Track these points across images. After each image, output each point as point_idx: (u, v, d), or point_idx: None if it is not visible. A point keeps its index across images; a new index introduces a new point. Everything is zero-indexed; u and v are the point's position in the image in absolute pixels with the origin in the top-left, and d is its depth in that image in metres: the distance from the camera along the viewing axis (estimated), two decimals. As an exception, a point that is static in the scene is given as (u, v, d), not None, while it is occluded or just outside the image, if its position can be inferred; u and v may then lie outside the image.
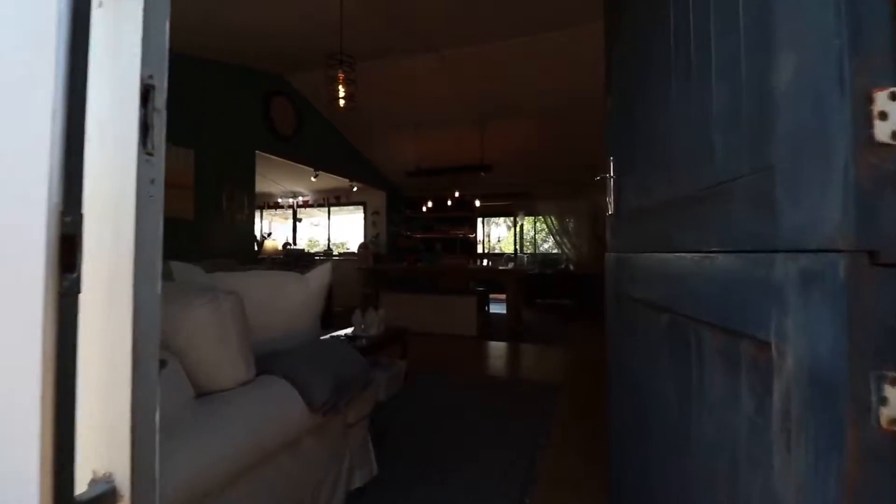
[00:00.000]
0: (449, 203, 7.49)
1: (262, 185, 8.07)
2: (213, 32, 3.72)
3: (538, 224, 9.50)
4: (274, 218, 9.28)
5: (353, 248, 8.49)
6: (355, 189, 7.68)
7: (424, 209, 7.24)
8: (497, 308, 7.30)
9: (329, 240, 9.00)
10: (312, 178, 6.52)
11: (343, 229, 9.03)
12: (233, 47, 4.09)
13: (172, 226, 3.90)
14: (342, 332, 3.21)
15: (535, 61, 4.64)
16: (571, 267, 8.05)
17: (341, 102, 2.85)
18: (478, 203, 6.94)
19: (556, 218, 8.12)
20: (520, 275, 5.47)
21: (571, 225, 8.01)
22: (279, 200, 8.93)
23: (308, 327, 1.64)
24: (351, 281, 7.14)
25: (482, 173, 6.13)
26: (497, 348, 4.57)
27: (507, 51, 4.44)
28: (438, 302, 5.25)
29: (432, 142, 6.66)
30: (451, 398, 3.00)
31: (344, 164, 6.79)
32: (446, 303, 5.21)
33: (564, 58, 4.57)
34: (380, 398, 2.83)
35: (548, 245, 11.56)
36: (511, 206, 8.87)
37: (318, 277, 1.70)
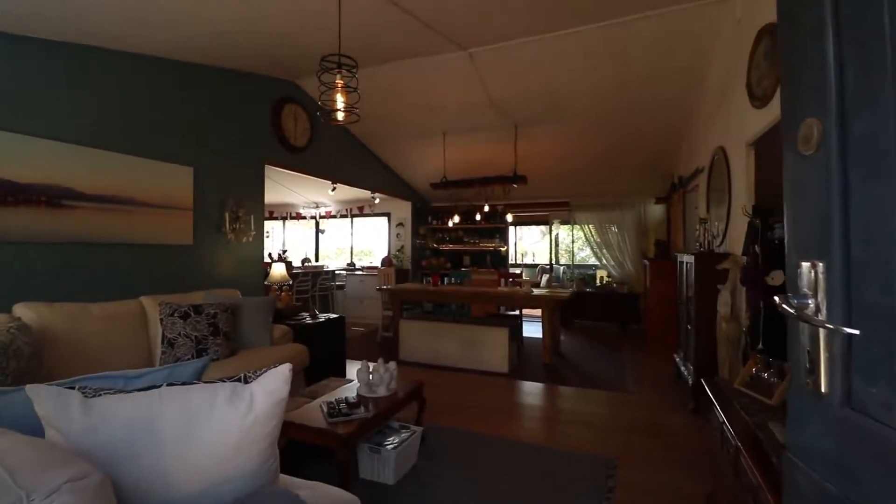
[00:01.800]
0: (478, 217, 6.87)
1: (283, 195, 7.72)
2: (212, 36, 3.26)
3: (575, 231, 8.73)
4: (296, 227, 8.95)
5: (378, 261, 8.02)
6: (377, 200, 7.19)
7: (451, 223, 6.66)
8: (531, 328, 6.65)
9: (352, 252, 8.56)
10: (330, 192, 6.07)
11: (369, 238, 8.57)
12: (236, 52, 3.63)
13: (168, 253, 3.49)
14: (347, 389, 2.67)
15: (576, 59, 3.97)
16: (613, 282, 7.26)
17: (339, 115, 2.30)
18: (510, 217, 6.30)
19: (595, 229, 7.35)
20: (558, 300, 4.80)
21: (614, 237, 7.22)
22: (301, 211, 8.57)
23: (250, 471, 1.08)
24: (374, 299, 6.65)
25: (514, 185, 5.49)
26: (532, 393, 3.92)
27: (543, 48, 3.79)
28: (465, 333, 4.65)
29: (460, 150, 6.07)
30: (474, 478, 2.39)
31: (364, 175, 6.29)
32: (474, 334, 4.60)
33: (611, 54, 3.89)
34: (387, 482, 2.26)
35: (585, 253, 10.76)
36: (546, 215, 8.16)
37: (269, 391, 1.14)
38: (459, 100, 4.86)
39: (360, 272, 7.71)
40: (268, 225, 9.23)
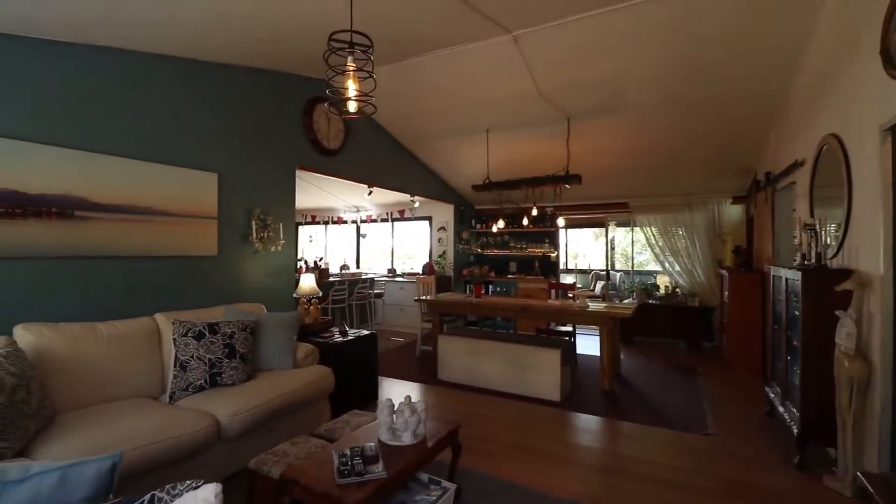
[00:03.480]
0: (526, 221, 6.31)
1: (324, 199, 7.54)
2: (237, 32, 2.99)
3: (633, 232, 7.93)
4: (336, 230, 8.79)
5: (420, 267, 7.65)
6: (417, 204, 6.83)
7: (496, 228, 6.15)
8: (586, 343, 6.00)
9: (392, 256, 8.25)
10: (366, 196, 5.76)
11: (410, 243, 8.23)
12: (262, 49, 3.35)
13: (190, 265, 3.26)
14: (368, 431, 2.26)
15: (639, 40, 3.36)
16: (680, 293, 6.43)
17: (352, 106, 1.89)
18: (562, 222, 5.69)
19: (659, 232, 6.56)
20: (617, 318, 4.17)
21: (681, 242, 6.40)
22: (342, 216, 8.38)
23: None
24: (414, 307, 6.28)
25: (566, 185, 4.90)
26: (589, 431, 3.35)
27: (600, 27, 3.22)
28: (511, 353, 4.13)
29: (505, 149, 5.55)
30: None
31: (403, 178, 5.93)
32: (521, 355, 4.08)
33: (681, 32, 3.25)
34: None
35: (644, 257, 9.86)
36: (601, 217, 7.43)
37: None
38: (504, 92, 4.35)
39: (400, 279, 7.38)
40: (310, 230, 9.14)
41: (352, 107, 1.88)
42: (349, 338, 3.67)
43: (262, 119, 3.85)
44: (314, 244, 9.11)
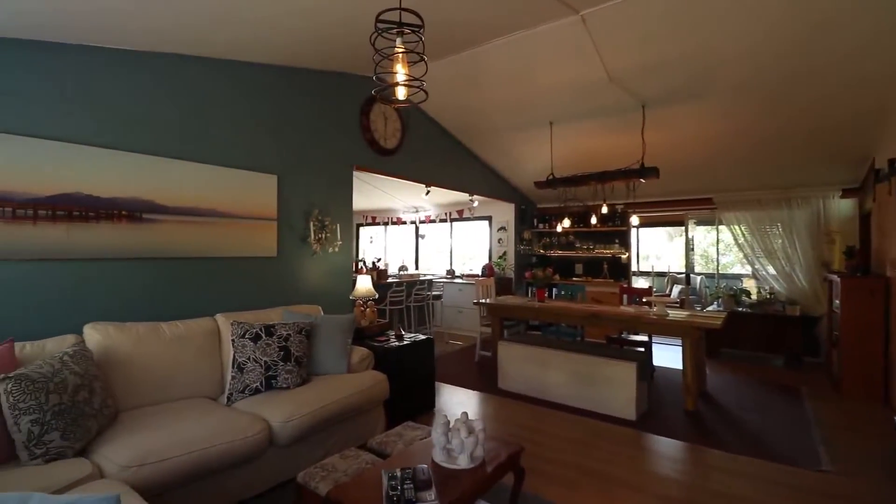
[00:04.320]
0: (594, 219, 5.86)
1: (384, 200, 7.55)
2: (295, 33, 2.95)
3: (718, 232, 7.15)
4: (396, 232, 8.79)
5: (479, 268, 7.43)
6: (476, 203, 6.60)
7: (561, 227, 5.77)
8: (664, 353, 5.44)
9: (451, 257, 8.09)
10: (424, 195, 5.64)
11: (469, 243, 8.03)
12: (321, 48, 3.30)
13: (250, 266, 3.28)
14: (421, 450, 2.07)
15: (728, 11, 2.88)
16: (775, 299, 5.65)
17: (401, 93, 1.70)
18: (635, 220, 5.19)
19: (750, 231, 5.81)
20: (703, 329, 3.67)
21: (777, 242, 5.63)
22: (402, 216, 8.37)
23: None
24: (473, 310, 6.07)
25: (641, 179, 4.43)
26: (672, 459, 2.93)
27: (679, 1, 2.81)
28: (578, 364, 3.78)
29: (571, 142, 5.17)
30: None
31: (461, 176, 5.73)
32: (590, 367, 3.71)
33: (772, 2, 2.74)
34: None
35: (728, 259, 8.91)
36: (680, 214, 6.76)
37: None
38: (569, 80, 4.01)
39: (459, 280, 7.19)
40: (371, 231, 9.24)
41: (400, 93, 1.70)
42: (405, 342, 3.53)
43: (320, 120, 3.83)
44: (374, 245, 9.20)
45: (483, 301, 5.04)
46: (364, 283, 3.81)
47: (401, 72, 1.65)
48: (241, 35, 2.87)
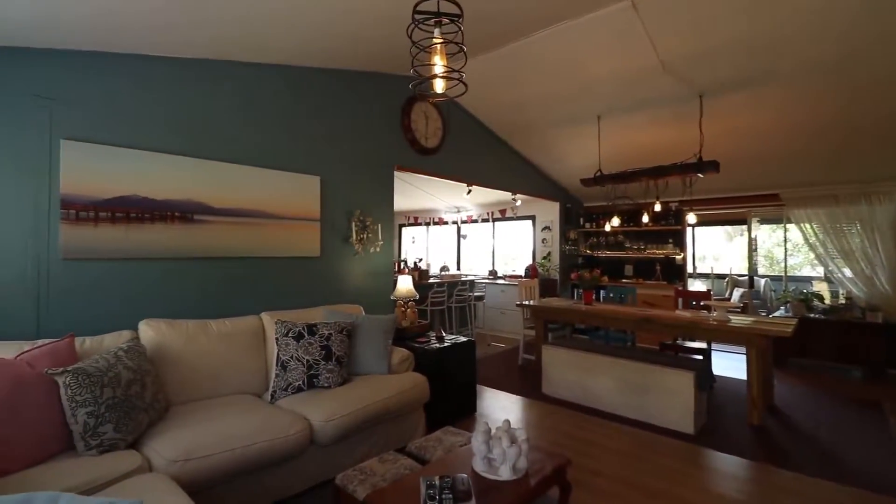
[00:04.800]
0: (646, 218, 5.55)
1: (426, 200, 7.55)
2: (336, 37, 2.97)
3: (784, 230, 6.58)
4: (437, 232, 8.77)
5: (522, 269, 7.25)
6: (519, 203, 6.43)
7: (609, 226, 5.50)
8: (724, 364, 5.04)
9: (493, 258, 7.96)
10: (465, 195, 5.55)
11: (512, 243, 7.87)
12: (361, 49, 3.30)
13: (295, 266, 3.34)
14: (461, 458, 1.99)
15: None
16: (852, 304, 5.11)
17: (439, 86, 1.63)
18: (692, 219, 4.85)
19: (822, 230, 5.29)
20: (771, 337, 3.35)
21: (856, 241, 5.09)
22: (443, 216, 8.33)
23: None
24: (516, 311, 5.92)
25: (699, 174, 4.13)
26: (734, 476, 2.67)
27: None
28: (629, 372, 3.56)
29: (620, 136, 4.91)
30: None
31: (503, 174, 5.60)
32: (642, 375, 3.49)
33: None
34: None
35: (796, 260, 8.22)
36: (742, 212, 6.28)
37: None
38: (619, 69, 3.79)
39: (501, 281, 7.05)
40: (412, 231, 9.28)
41: (438, 86, 1.63)
42: (446, 344, 3.46)
43: (362, 121, 3.84)
44: (416, 245, 9.23)
45: (526, 303, 4.89)
46: (405, 284, 3.78)
47: (439, 63, 1.58)
48: (290, 40, 2.91)
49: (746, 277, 6.77)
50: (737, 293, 7.11)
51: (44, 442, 1.75)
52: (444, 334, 3.67)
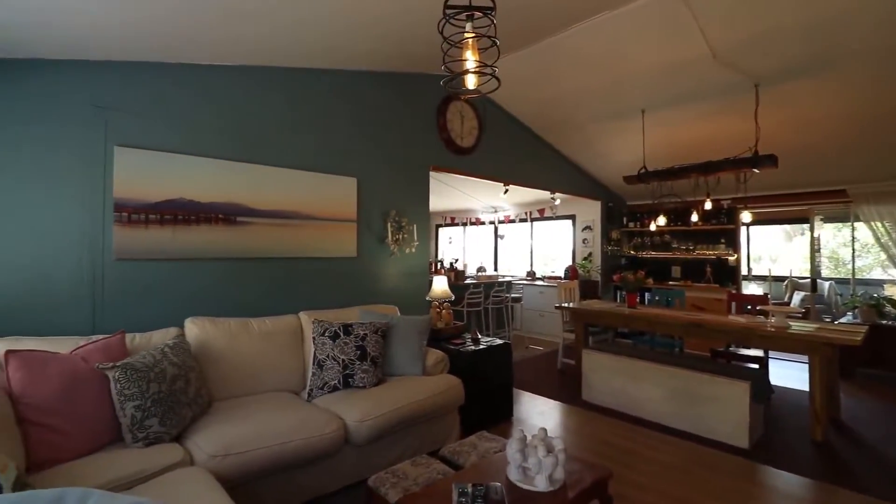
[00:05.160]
0: (695, 216, 5.24)
1: (462, 200, 7.51)
2: (376, 39, 2.99)
3: (851, 228, 6.04)
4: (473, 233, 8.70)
5: (561, 270, 7.07)
6: (558, 202, 6.26)
7: (655, 226, 5.25)
8: (782, 373, 4.68)
9: (532, 259, 7.80)
10: (502, 194, 5.46)
11: (551, 244, 7.69)
12: (398, 50, 3.31)
13: (332, 266, 3.39)
14: (495, 465, 1.93)
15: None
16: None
17: (471, 81, 1.58)
18: (747, 217, 4.54)
19: (894, 228, 4.82)
20: (837, 345, 3.05)
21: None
22: (480, 216, 8.26)
23: None
24: (555, 314, 5.77)
25: (754, 169, 3.85)
26: (795, 497, 2.45)
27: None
28: (676, 379, 3.37)
29: (666, 131, 4.67)
30: None
31: (542, 173, 5.47)
32: (691, 384, 3.29)
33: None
34: None
35: (866, 261, 7.54)
36: (804, 210, 5.82)
37: None
38: (664, 62, 3.60)
39: (540, 282, 6.89)
40: (449, 231, 9.26)
41: (470, 81, 1.58)
42: (481, 346, 3.40)
43: (397, 122, 3.85)
44: (453, 246, 9.20)
45: (566, 305, 4.74)
46: (440, 284, 3.75)
47: (470, 59, 1.53)
48: (332, 43, 2.95)
49: (808, 280, 6.28)
50: (797, 297, 6.61)
51: (95, 433, 1.84)
52: (479, 336, 3.61)
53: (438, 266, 6.58)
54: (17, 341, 1.96)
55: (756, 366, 3.89)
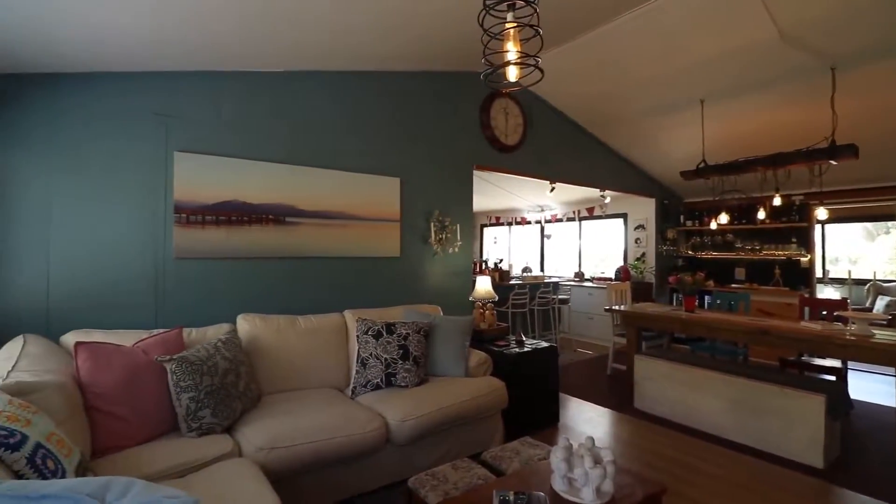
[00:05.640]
0: (762, 214, 4.84)
1: (507, 200, 7.40)
2: (419, 39, 3.00)
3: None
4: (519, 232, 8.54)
5: (611, 271, 6.78)
6: (608, 200, 5.99)
7: (716, 224, 4.90)
8: (862, 386, 4.21)
9: (580, 259, 7.55)
10: (548, 193, 5.30)
11: (600, 244, 7.40)
12: (440, 49, 3.29)
13: (376, 266, 3.43)
14: (538, 474, 1.85)
15: None
16: None
17: (512, 73, 1.51)
18: (822, 214, 4.12)
19: None
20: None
21: None
22: (526, 216, 8.10)
23: None
24: (605, 316, 5.55)
25: (832, 161, 3.48)
26: (885, 527, 2.18)
27: None
28: (741, 390, 3.11)
29: (728, 122, 4.35)
30: None
31: (590, 170, 5.26)
32: (759, 396, 3.02)
33: None
34: None
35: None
36: (889, 205, 5.23)
37: None
38: (725, 45, 3.34)
39: (588, 284, 6.65)
40: (494, 231, 9.16)
41: (511, 73, 1.52)
42: (526, 349, 3.31)
43: (440, 121, 3.84)
44: (498, 245, 9.09)
45: (616, 308, 4.53)
46: (483, 285, 3.69)
47: (512, 50, 1.47)
48: (377, 47, 2.98)
49: (894, 284, 5.63)
50: (881, 302, 5.95)
51: (154, 422, 1.95)
52: (524, 338, 3.52)
53: (482, 266, 6.51)
54: (87, 334, 2.12)
55: (833, 378, 3.53)
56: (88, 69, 2.37)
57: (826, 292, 6.84)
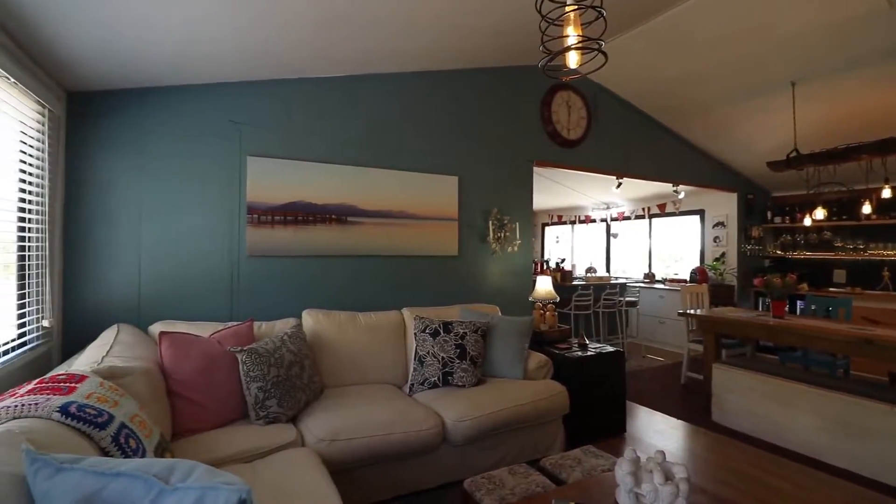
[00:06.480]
0: (867, 208, 4.25)
1: (570, 197, 7.16)
2: (475, 36, 2.97)
3: None
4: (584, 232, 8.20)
5: (686, 272, 6.31)
6: (682, 195, 5.56)
7: (810, 220, 4.37)
8: None
9: (650, 259, 7.10)
10: (615, 188, 5.02)
11: (673, 243, 6.91)
12: (498, 44, 3.24)
13: (434, 264, 3.46)
14: (600, 488, 1.74)
15: None
16: None
17: (572, 59, 1.42)
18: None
19: None
20: None
21: None
22: (590, 214, 7.76)
23: None
24: (678, 321, 5.18)
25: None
26: None
27: None
28: (840, 408, 2.74)
29: (823, 106, 3.86)
30: None
31: (662, 163, 4.92)
32: (861, 415, 2.64)
33: None
34: None
35: None
36: None
37: None
38: (820, 20, 2.96)
39: (659, 285, 6.23)
40: (556, 230, 8.88)
41: (572, 60, 1.43)
42: (589, 353, 3.15)
43: (499, 117, 3.77)
44: (560, 245, 8.81)
45: (692, 312, 4.19)
46: (544, 285, 3.57)
47: (572, 34, 1.39)
48: (435, 45, 3.00)
49: None
50: None
51: (226, 409, 2.08)
52: (587, 341, 3.36)
53: (543, 266, 6.33)
54: (171, 324, 2.32)
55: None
56: (173, 83, 2.59)
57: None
